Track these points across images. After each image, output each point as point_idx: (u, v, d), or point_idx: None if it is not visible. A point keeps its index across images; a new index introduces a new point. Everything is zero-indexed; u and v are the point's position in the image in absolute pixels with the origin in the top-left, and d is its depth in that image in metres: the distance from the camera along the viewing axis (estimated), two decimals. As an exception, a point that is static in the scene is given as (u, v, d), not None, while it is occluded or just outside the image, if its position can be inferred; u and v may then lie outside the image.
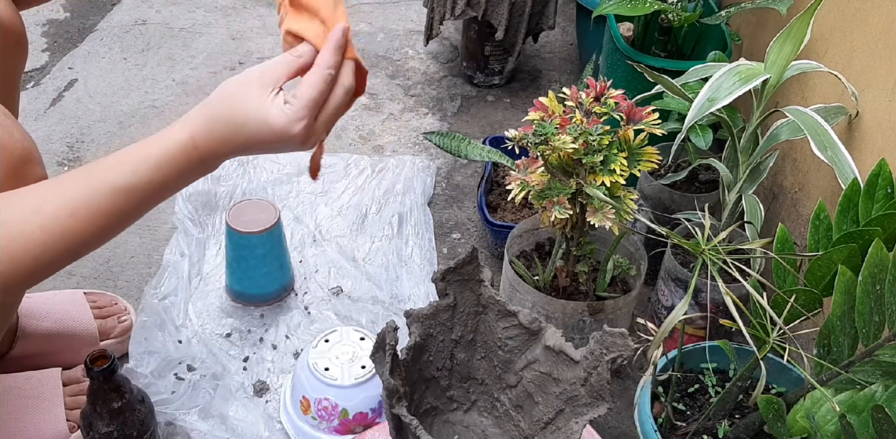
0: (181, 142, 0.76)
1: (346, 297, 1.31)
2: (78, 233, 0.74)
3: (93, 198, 0.74)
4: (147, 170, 0.76)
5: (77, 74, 1.72)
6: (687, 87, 1.08)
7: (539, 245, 1.19)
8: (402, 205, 1.44)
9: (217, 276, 1.32)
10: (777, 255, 0.86)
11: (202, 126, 0.77)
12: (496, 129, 1.64)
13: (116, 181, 0.75)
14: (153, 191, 0.76)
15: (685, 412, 0.98)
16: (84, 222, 0.74)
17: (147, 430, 1.02)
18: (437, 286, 0.88)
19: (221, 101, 0.77)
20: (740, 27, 1.48)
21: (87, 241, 0.76)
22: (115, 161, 0.76)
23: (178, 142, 0.76)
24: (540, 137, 0.91)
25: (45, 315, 1.15)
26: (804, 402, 0.83)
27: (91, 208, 0.74)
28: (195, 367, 1.19)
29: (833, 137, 0.94)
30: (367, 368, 1.08)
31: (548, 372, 0.88)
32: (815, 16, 0.95)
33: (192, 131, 0.77)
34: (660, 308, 1.18)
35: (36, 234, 0.73)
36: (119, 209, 0.75)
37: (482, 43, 1.66)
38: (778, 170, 1.25)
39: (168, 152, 0.76)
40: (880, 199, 0.83)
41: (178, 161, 0.76)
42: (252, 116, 0.75)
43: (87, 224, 0.74)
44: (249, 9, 1.94)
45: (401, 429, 0.80)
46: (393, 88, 1.72)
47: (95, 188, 0.75)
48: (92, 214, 0.74)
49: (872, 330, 0.77)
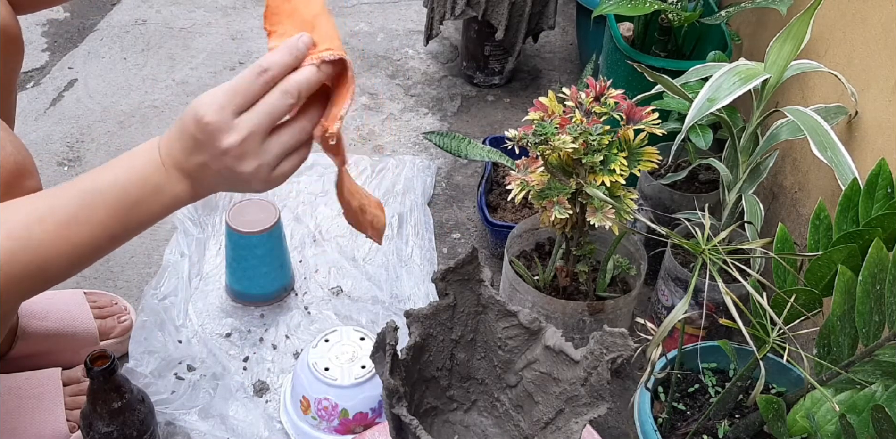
0: (146, 145, 0.75)
1: (346, 297, 1.31)
2: (45, 243, 0.72)
3: (60, 205, 0.73)
4: (110, 173, 0.74)
5: (77, 74, 1.72)
6: (687, 87, 1.08)
7: (539, 245, 1.19)
8: (402, 205, 1.44)
9: (217, 276, 1.32)
10: (777, 255, 0.86)
11: (167, 132, 0.75)
12: (496, 129, 1.64)
13: (82, 186, 0.74)
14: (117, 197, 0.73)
15: (685, 412, 0.98)
16: (52, 231, 0.72)
17: (147, 430, 1.02)
18: (437, 286, 0.88)
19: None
20: (740, 27, 1.48)
21: (54, 256, 0.73)
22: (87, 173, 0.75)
23: (143, 146, 0.75)
24: (540, 137, 0.91)
25: (45, 315, 1.15)
26: (804, 402, 0.83)
27: (58, 215, 0.72)
28: (195, 367, 1.19)
29: (833, 137, 0.94)
30: (367, 368, 1.08)
31: (548, 372, 0.88)
32: (815, 16, 0.95)
33: (160, 137, 0.75)
34: (660, 308, 1.18)
35: (2, 243, 0.70)
36: (85, 217, 0.73)
37: (482, 43, 1.66)
38: (778, 170, 1.25)
39: (132, 154, 0.75)
40: (880, 199, 0.83)
41: (140, 161, 0.74)
42: (187, 108, 0.71)
43: (54, 234, 0.72)
44: (249, 9, 1.94)
45: (401, 429, 0.80)
46: (393, 88, 1.72)
47: (63, 194, 0.74)
48: (58, 222, 0.72)
49: (872, 330, 0.77)
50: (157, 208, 0.75)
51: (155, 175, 0.73)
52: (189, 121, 0.70)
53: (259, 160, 0.71)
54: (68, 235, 0.73)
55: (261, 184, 0.73)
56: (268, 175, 0.72)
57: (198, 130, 0.70)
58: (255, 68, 0.69)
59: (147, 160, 0.74)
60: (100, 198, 0.73)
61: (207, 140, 0.70)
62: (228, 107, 0.69)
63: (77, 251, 0.74)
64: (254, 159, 0.71)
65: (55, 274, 0.75)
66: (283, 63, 0.69)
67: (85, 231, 0.73)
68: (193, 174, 0.73)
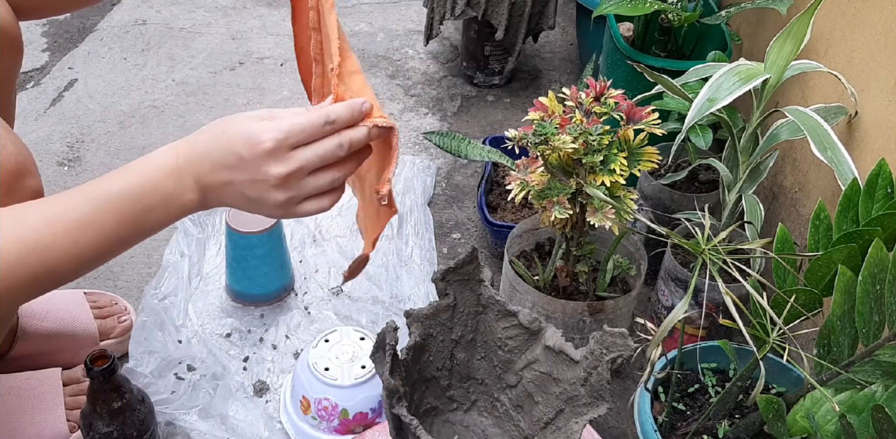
0: (162, 151, 0.76)
1: (346, 297, 1.31)
2: (54, 246, 0.73)
3: (69, 209, 0.74)
4: (122, 179, 0.75)
5: (77, 74, 1.72)
6: (687, 87, 1.08)
7: (539, 245, 1.19)
8: (402, 205, 1.44)
9: (217, 276, 1.32)
10: (777, 255, 0.86)
11: (187, 139, 0.76)
12: (496, 129, 1.64)
13: (92, 191, 0.75)
14: (128, 203, 0.74)
15: (685, 412, 0.98)
16: (60, 234, 0.73)
17: (147, 430, 1.02)
18: (437, 286, 0.88)
19: (216, 121, 0.77)
20: (740, 27, 1.48)
21: (62, 258, 0.73)
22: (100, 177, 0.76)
23: (159, 152, 0.76)
24: (540, 137, 0.91)
25: (45, 315, 1.15)
26: (804, 402, 0.83)
27: (67, 218, 0.73)
28: (195, 367, 1.19)
29: (833, 137, 0.94)
30: (367, 368, 1.08)
31: (548, 372, 0.88)
32: (815, 16, 0.95)
33: (177, 145, 0.76)
34: (660, 308, 1.18)
35: (11, 245, 0.71)
36: (95, 222, 0.74)
37: (482, 43, 1.66)
38: (778, 170, 1.25)
39: (147, 160, 0.76)
40: (880, 199, 0.83)
41: (153, 169, 0.75)
42: (232, 127, 0.75)
43: (62, 236, 0.73)
44: (249, 9, 1.94)
45: (401, 429, 0.80)
46: (393, 88, 1.72)
47: (72, 198, 0.74)
48: (66, 226, 0.73)
49: (872, 330, 0.77)
50: (163, 216, 0.77)
51: (168, 183, 0.75)
52: (240, 140, 0.73)
53: (292, 193, 0.75)
54: (77, 239, 0.74)
55: (279, 213, 0.78)
56: (291, 208, 0.77)
57: (249, 151, 0.73)
58: (322, 117, 0.74)
59: (162, 168, 0.75)
60: (110, 204, 0.74)
61: (254, 162, 0.73)
62: (290, 140, 0.73)
63: (85, 255, 0.75)
64: (289, 192, 0.75)
65: (62, 276, 0.76)
66: (346, 119, 0.75)
67: (94, 235, 0.74)
68: (212, 188, 0.76)
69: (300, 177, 0.75)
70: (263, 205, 0.76)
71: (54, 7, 1.03)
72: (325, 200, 0.78)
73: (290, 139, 0.73)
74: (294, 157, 0.74)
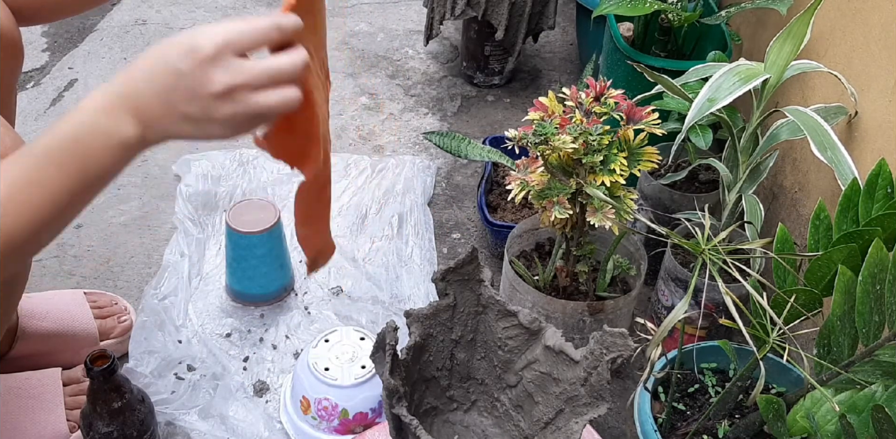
0: (91, 95, 0.71)
1: (346, 297, 1.31)
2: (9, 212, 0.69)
3: (16, 170, 0.70)
4: (57, 128, 0.70)
5: (77, 74, 1.72)
6: (687, 87, 1.08)
7: (539, 245, 1.19)
8: (402, 205, 1.44)
9: (217, 276, 1.32)
10: (777, 255, 0.86)
11: (124, 70, 0.71)
12: (496, 129, 1.64)
13: (34, 149, 0.71)
14: (67, 151, 0.69)
15: (685, 412, 0.98)
16: (15, 199, 0.69)
17: (147, 430, 1.02)
18: (437, 286, 0.88)
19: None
20: (740, 27, 1.48)
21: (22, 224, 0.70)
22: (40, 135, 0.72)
23: (88, 97, 0.71)
24: (540, 137, 0.91)
25: (45, 315, 1.15)
26: (804, 402, 0.83)
27: (16, 180, 0.69)
28: (195, 367, 1.19)
29: (833, 137, 0.94)
30: (367, 368, 1.08)
31: (548, 372, 0.88)
32: (815, 16, 0.96)
33: (111, 81, 0.71)
34: (660, 308, 1.18)
35: None
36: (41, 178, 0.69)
37: (482, 43, 1.66)
38: (778, 170, 1.25)
39: (80, 104, 0.71)
40: (880, 199, 0.83)
41: (85, 111, 0.69)
42: (167, 42, 0.68)
43: (17, 201, 0.69)
44: (249, 9, 1.94)
45: (401, 429, 0.80)
46: (393, 88, 1.72)
47: (19, 158, 0.71)
48: (20, 189, 0.69)
49: (872, 330, 0.77)
50: (107, 158, 0.71)
51: (102, 121, 0.69)
52: (176, 54, 0.67)
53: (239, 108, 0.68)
54: (30, 200, 0.70)
55: (228, 131, 0.70)
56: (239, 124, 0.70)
57: (187, 62, 0.67)
58: (271, 22, 0.68)
59: (92, 108, 0.70)
60: (49, 157, 0.70)
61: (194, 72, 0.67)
62: (232, 45, 0.67)
63: (41, 215, 0.71)
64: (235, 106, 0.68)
65: (24, 243, 0.72)
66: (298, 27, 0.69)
67: (45, 192, 0.70)
68: (152, 117, 0.69)
69: (248, 90, 0.68)
70: (209, 123, 0.68)
71: (55, 13, 1.03)
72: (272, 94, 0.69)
73: (232, 43, 0.67)
74: (241, 65, 0.67)
